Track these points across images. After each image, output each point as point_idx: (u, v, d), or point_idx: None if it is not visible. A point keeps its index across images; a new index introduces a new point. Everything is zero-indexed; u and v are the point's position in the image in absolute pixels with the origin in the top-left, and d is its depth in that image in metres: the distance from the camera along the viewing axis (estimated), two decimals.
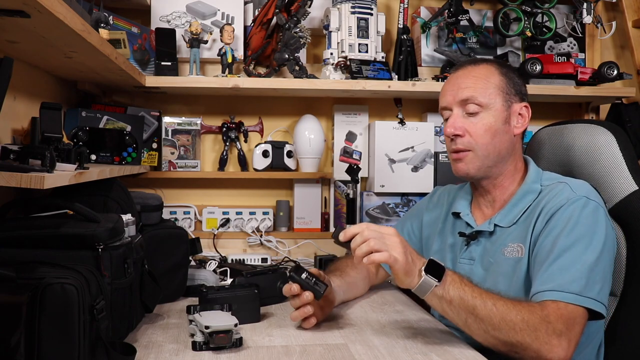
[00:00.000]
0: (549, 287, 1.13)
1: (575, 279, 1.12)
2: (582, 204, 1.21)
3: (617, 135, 1.40)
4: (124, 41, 1.90)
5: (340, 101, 2.21)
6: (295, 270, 1.25)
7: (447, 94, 1.34)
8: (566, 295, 1.11)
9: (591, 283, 1.13)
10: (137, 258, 1.22)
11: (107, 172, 1.43)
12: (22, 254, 1.02)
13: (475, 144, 1.30)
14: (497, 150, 1.31)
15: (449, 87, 1.35)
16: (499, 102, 1.31)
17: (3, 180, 0.95)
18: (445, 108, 1.35)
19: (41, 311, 0.87)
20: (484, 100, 1.30)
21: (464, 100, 1.31)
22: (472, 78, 1.32)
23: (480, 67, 1.34)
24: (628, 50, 2.24)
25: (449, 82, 1.36)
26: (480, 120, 1.30)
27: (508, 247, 1.28)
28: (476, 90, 1.30)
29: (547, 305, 1.10)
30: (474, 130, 1.30)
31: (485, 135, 1.30)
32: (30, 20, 1.01)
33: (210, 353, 1.10)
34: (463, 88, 1.31)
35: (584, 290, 1.12)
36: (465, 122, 1.31)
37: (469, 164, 1.31)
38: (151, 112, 2.01)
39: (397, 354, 1.12)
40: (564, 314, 1.09)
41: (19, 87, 1.42)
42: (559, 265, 1.15)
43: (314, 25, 2.12)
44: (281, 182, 2.23)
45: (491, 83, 1.32)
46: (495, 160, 1.32)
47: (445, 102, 1.35)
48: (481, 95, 1.30)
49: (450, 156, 1.36)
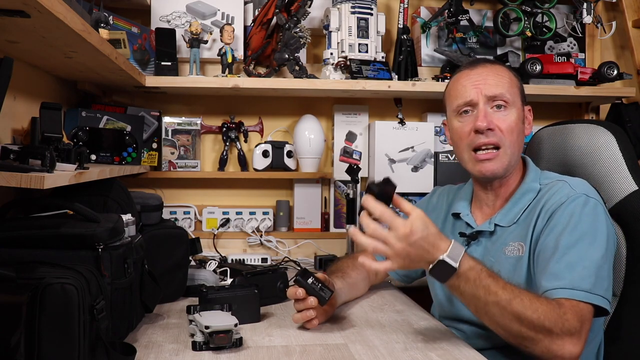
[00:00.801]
0: (560, 285, 1.12)
1: (584, 277, 1.12)
2: (583, 201, 1.21)
3: (617, 135, 1.40)
4: (124, 41, 1.90)
5: (340, 101, 2.21)
6: (302, 274, 1.25)
7: (471, 88, 1.30)
8: (578, 293, 1.11)
9: (599, 280, 1.13)
10: (137, 258, 1.22)
11: (107, 172, 1.43)
12: (22, 254, 1.02)
13: (504, 140, 1.28)
14: (518, 149, 1.31)
15: (471, 82, 1.31)
16: (518, 102, 1.32)
17: (3, 180, 0.95)
18: (469, 103, 1.31)
19: (41, 311, 0.87)
20: (510, 97, 1.29)
21: (493, 96, 1.29)
22: (498, 76, 1.31)
23: (499, 67, 1.34)
24: (628, 50, 2.24)
25: (468, 77, 1.32)
26: (509, 116, 1.29)
27: (509, 246, 1.28)
28: (504, 87, 1.29)
29: (563, 303, 1.10)
30: (504, 125, 1.28)
31: (513, 133, 1.29)
32: (30, 20, 1.01)
33: (210, 353, 1.10)
34: (491, 84, 1.29)
35: (593, 288, 1.12)
36: (494, 117, 1.29)
37: (498, 163, 1.29)
38: (151, 112, 2.01)
39: (397, 354, 1.12)
40: (578, 311, 1.09)
41: (19, 87, 1.42)
42: (566, 262, 1.14)
43: (314, 25, 2.12)
44: (281, 182, 2.23)
45: (513, 82, 1.32)
46: (516, 159, 1.32)
47: (469, 96, 1.30)
48: (508, 92, 1.29)
49: (473, 155, 1.30)
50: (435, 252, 1.09)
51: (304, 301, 1.24)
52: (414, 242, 1.07)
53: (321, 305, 1.25)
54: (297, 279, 1.25)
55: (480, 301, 1.10)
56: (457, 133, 1.33)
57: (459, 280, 1.10)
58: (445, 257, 1.08)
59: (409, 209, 1.10)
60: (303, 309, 1.25)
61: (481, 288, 1.09)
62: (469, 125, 1.30)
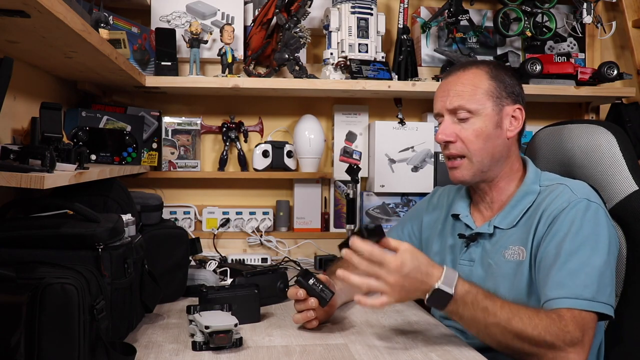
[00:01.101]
0: (562, 295, 1.13)
1: (587, 285, 1.13)
2: (584, 206, 1.21)
3: (617, 135, 1.40)
4: (124, 41, 1.90)
5: (340, 101, 2.21)
6: (303, 275, 1.26)
7: (438, 100, 1.35)
8: (581, 302, 1.11)
9: (602, 287, 1.14)
10: (137, 258, 1.22)
11: (107, 172, 1.43)
12: (22, 254, 1.02)
13: (467, 149, 1.30)
14: (490, 155, 1.31)
15: (440, 94, 1.35)
16: (489, 107, 1.30)
17: (3, 180, 0.95)
18: (437, 114, 1.36)
19: (41, 311, 0.87)
20: (473, 106, 1.29)
21: (453, 109, 1.31)
22: (460, 85, 1.31)
23: (468, 73, 1.33)
24: (628, 50, 2.24)
25: (440, 88, 1.36)
26: (471, 125, 1.30)
27: (509, 250, 1.28)
28: (464, 98, 1.30)
29: (563, 315, 1.11)
30: (465, 135, 1.30)
31: (477, 141, 1.29)
32: (30, 20, 1.01)
33: (210, 353, 1.10)
34: (452, 96, 1.31)
35: (596, 296, 1.12)
36: (456, 128, 1.31)
37: (464, 171, 1.32)
38: (151, 112, 2.01)
39: (397, 354, 1.12)
40: (580, 321, 1.10)
41: (19, 87, 1.42)
42: (568, 270, 1.15)
43: (314, 25, 2.12)
44: (281, 182, 2.23)
45: (480, 89, 1.30)
46: (489, 164, 1.32)
47: (437, 109, 1.35)
48: (469, 102, 1.29)
49: (446, 163, 1.36)
50: (429, 281, 1.11)
51: (304, 302, 1.24)
52: (406, 274, 1.10)
53: (322, 307, 1.25)
54: (298, 280, 1.25)
55: (480, 323, 1.12)
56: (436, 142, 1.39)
57: (457, 305, 1.12)
58: (440, 285, 1.11)
59: (396, 245, 1.13)
60: (303, 309, 1.25)
61: (479, 310, 1.11)
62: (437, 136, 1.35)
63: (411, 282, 1.11)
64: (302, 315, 1.25)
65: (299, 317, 1.26)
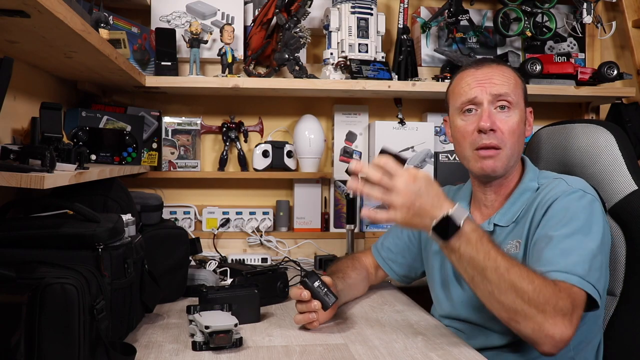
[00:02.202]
0: (554, 268, 1.10)
1: (578, 262, 1.11)
2: (579, 195, 1.21)
3: (617, 135, 1.41)
4: (124, 41, 1.90)
5: (340, 101, 2.21)
6: (309, 276, 1.25)
7: (476, 87, 1.30)
8: (572, 277, 1.09)
9: (593, 270, 1.12)
10: (137, 258, 1.22)
11: (107, 172, 1.43)
12: (22, 254, 1.02)
13: (505, 141, 1.28)
14: (518, 151, 1.31)
15: (476, 81, 1.30)
16: (522, 103, 1.32)
17: (3, 180, 0.95)
18: (473, 101, 1.30)
19: (41, 311, 0.87)
20: (514, 98, 1.29)
21: (498, 95, 1.28)
22: (503, 76, 1.30)
23: (505, 67, 1.33)
24: (628, 50, 2.24)
25: (474, 76, 1.32)
26: (511, 118, 1.29)
27: (508, 245, 1.28)
28: (509, 87, 1.29)
29: (558, 283, 1.08)
30: (506, 127, 1.28)
31: (514, 134, 1.29)
32: (30, 20, 1.01)
33: (210, 353, 1.10)
34: (497, 84, 1.29)
35: (587, 275, 1.10)
36: (497, 118, 1.28)
37: (498, 162, 1.29)
38: (151, 112, 2.01)
39: (397, 354, 1.12)
40: (572, 294, 1.08)
41: (19, 87, 1.42)
42: (561, 249, 1.13)
43: (314, 25, 2.12)
44: (281, 182, 2.23)
45: (518, 83, 1.32)
46: (515, 160, 1.32)
47: (474, 94, 1.30)
48: (513, 93, 1.29)
49: (476, 153, 1.29)
50: (440, 207, 1.07)
51: (307, 303, 1.24)
52: (418, 190, 1.07)
53: (324, 310, 1.25)
54: (303, 280, 1.25)
55: (478, 265, 1.07)
56: (459, 131, 1.33)
57: (460, 241, 1.07)
58: (451, 213, 1.07)
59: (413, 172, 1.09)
60: (305, 311, 1.24)
61: (481, 251, 1.07)
62: (472, 124, 1.30)
63: (421, 202, 1.07)
64: (303, 317, 1.24)
65: (300, 318, 1.25)
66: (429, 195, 1.08)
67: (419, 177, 1.08)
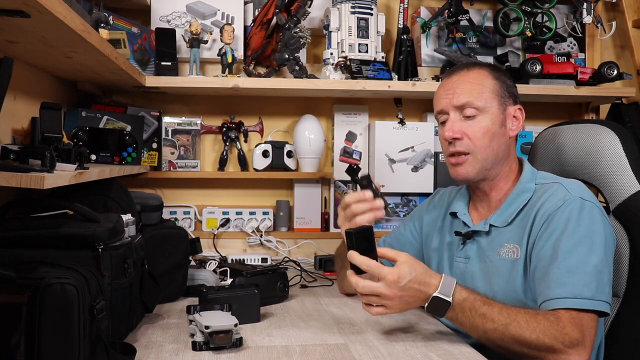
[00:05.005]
0: (561, 294, 1.13)
1: (585, 283, 1.13)
2: (579, 205, 1.21)
3: (620, 135, 1.40)
4: (124, 41, 1.90)
5: (340, 101, 2.21)
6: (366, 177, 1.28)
7: (443, 98, 1.35)
8: (580, 302, 1.12)
9: (601, 285, 1.14)
10: (137, 258, 1.22)
11: (107, 172, 1.43)
12: (22, 254, 1.02)
13: (474, 147, 1.31)
14: (494, 153, 1.32)
15: (444, 92, 1.35)
16: (494, 106, 1.32)
17: (3, 180, 0.95)
18: (441, 112, 1.36)
19: (41, 311, 0.87)
20: (481, 104, 1.31)
21: (461, 105, 1.32)
22: (468, 83, 1.33)
23: (473, 72, 1.35)
24: (628, 50, 2.24)
25: (443, 86, 1.37)
26: (478, 123, 1.31)
27: (504, 248, 1.29)
28: (472, 95, 1.31)
29: (561, 316, 1.11)
30: (472, 133, 1.31)
31: (484, 139, 1.30)
32: (30, 20, 1.01)
33: (210, 353, 1.10)
34: (459, 93, 1.32)
35: (595, 294, 1.13)
36: (463, 126, 1.32)
37: (468, 168, 1.32)
38: (151, 112, 2.01)
39: (397, 354, 1.12)
40: (578, 322, 1.10)
41: (19, 87, 1.42)
42: (566, 268, 1.15)
43: (314, 25, 2.12)
44: (281, 182, 2.23)
45: (486, 87, 1.32)
46: (493, 162, 1.33)
47: (441, 106, 1.35)
48: (477, 100, 1.31)
49: (448, 160, 1.36)
50: (427, 290, 1.14)
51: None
52: (404, 286, 1.13)
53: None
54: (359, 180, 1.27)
55: (479, 329, 1.13)
56: (440, 140, 1.38)
57: (455, 313, 1.14)
58: (437, 294, 1.13)
59: (394, 256, 1.16)
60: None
61: (478, 317, 1.13)
62: (444, 133, 1.35)
63: (410, 293, 1.14)
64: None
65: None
66: (414, 283, 1.13)
67: (402, 273, 1.13)
